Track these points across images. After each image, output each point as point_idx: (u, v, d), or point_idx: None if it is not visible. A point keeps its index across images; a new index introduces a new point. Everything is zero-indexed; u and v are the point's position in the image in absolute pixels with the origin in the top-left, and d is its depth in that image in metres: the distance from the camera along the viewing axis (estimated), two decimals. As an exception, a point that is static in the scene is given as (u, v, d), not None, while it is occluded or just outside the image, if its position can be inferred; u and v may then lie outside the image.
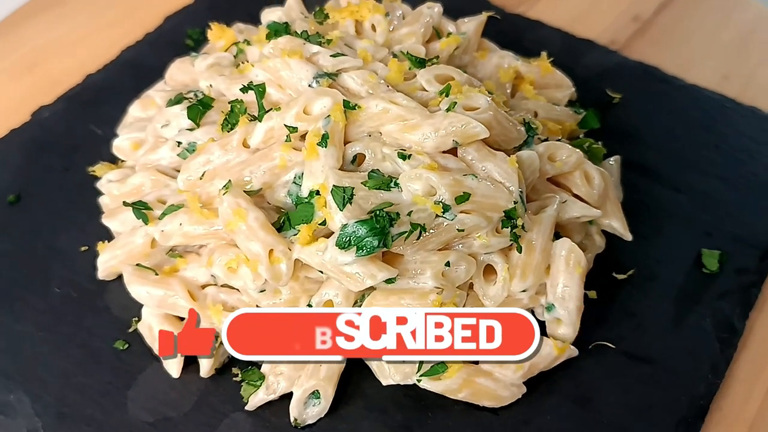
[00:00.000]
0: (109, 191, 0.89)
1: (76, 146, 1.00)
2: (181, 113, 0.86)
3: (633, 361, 0.81)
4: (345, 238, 0.71)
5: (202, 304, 0.78)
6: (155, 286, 0.79)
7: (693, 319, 0.85)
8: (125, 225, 0.85)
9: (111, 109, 1.04)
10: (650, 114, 1.07)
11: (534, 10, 1.25)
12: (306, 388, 0.75)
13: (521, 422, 0.77)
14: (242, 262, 0.76)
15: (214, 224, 0.78)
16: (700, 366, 0.81)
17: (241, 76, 0.86)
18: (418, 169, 0.75)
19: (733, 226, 0.94)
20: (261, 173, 0.79)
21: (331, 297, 0.75)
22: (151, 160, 0.89)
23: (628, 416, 0.77)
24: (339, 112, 0.78)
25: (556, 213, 0.81)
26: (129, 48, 1.14)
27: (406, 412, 0.77)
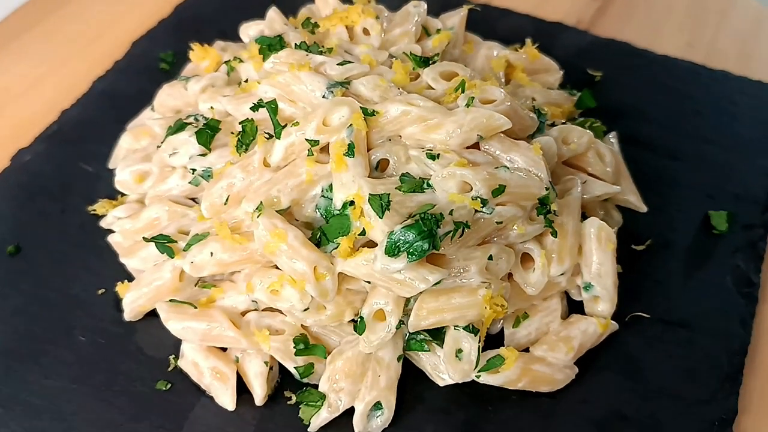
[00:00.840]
0: (122, 228, 0.85)
1: (68, 186, 0.95)
2: (189, 139, 0.84)
3: (669, 327, 0.84)
4: (393, 245, 0.71)
5: (247, 332, 0.76)
6: (196, 320, 0.76)
7: (714, 279, 0.88)
8: (147, 262, 0.82)
9: (96, 143, 1.00)
10: (631, 88, 1.10)
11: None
12: (368, 400, 0.74)
13: (578, 402, 0.78)
14: (286, 283, 0.74)
15: (248, 248, 0.77)
16: (730, 322, 0.85)
17: (247, 95, 0.84)
18: (450, 167, 0.75)
19: (731, 186, 0.98)
20: (288, 191, 0.77)
21: (382, 306, 0.74)
22: (162, 191, 0.86)
23: (676, 380, 0.80)
24: (360, 120, 0.77)
25: (581, 194, 0.83)
26: (100, 78, 1.09)
27: (468, 410, 0.77)
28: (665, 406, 0.78)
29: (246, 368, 0.77)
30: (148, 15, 1.21)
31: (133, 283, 0.82)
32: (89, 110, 1.04)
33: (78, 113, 1.04)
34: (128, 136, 0.96)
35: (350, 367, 0.74)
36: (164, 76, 1.09)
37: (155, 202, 0.85)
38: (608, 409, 0.78)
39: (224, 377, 0.75)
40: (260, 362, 0.76)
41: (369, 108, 0.79)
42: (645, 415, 0.77)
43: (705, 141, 1.04)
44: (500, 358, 0.76)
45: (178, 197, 0.85)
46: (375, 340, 0.74)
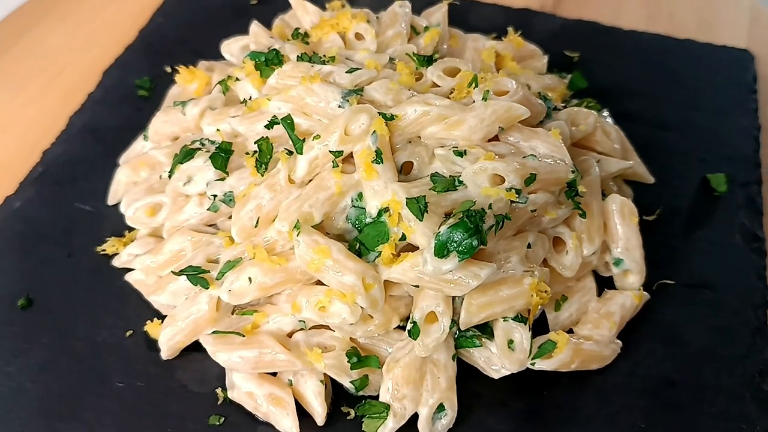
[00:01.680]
0: (143, 265, 0.82)
1: (70, 229, 0.91)
2: (204, 165, 0.81)
3: (695, 290, 0.87)
4: (442, 245, 0.70)
5: (298, 353, 0.75)
6: (246, 349, 0.74)
7: (724, 238, 0.92)
8: (178, 296, 0.80)
9: (89, 181, 0.95)
10: (608, 65, 1.14)
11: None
12: (432, 403, 0.74)
13: (626, 375, 0.80)
14: (334, 298, 0.73)
15: (288, 269, 0.75)
16: (747, 278, 0.88)
17: (258, 113, 0.82)
18: (480, 162, 0.75)
19: (721, 148, 1.02)
20: (320, 205, 0.76)
21: (433, 308, 0.74)
22: (179, 222, 0.83)
23: (711, 340, 0.83)
24: (382, 125, 0.77)
25: (599, 173, 0.84)
26: (77, 113, 1.04)
27: (524, 398, 0.78)
28: (707, 365, 0.81)
29: (301, 389, 0.75)
30: (112, 42, 1.17)
31: (167, 319, 0.79)
32: (73, 147, 1.00)
33: (62, 151, 0.99)
34: (125, 170, 0.92)
35: (409, 373, 0.74)
36: (145, 104, 1.05)
37: (175, 233, 0.82)
38: (655, 377, 0.80)
39: (282, 402, 0.74)
40: (316, 381, 0.74)
41: (387, 112, 0.78)
42: (690, 378, 0.80)
43: (688, 108, 1.08)
44: (552, 342, 0.77)
45: (197, 225, 0.83)
46: (430, 342, 0.74)
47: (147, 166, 0.91)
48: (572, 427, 0.76)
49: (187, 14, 1.19)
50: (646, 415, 0.77)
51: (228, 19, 1.19)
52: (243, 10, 1.21)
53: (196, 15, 1.19)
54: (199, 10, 1.20)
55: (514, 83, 0.82)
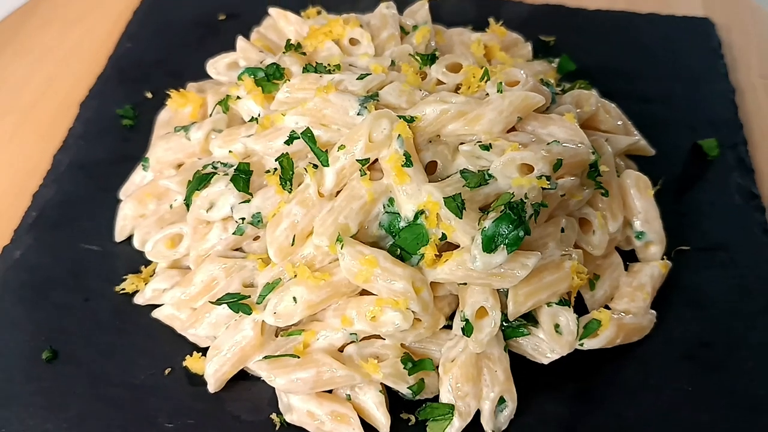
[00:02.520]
0: (174, 300, 0.79)
1: (80, 273, 0.86)
2: (227, 189, 0.79)
3: (709, 253, 0.90)
4: (490, 240, 0.71)
5: (354, 366, 0.74)
6: (303, 370, 0.73)
7: (725, 199, 0.96)
8: (217, 327, 0.77)
9: (89, 220, 0.92)
10: (581, 46, 1.16)
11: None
12: (493, 397, 0.74)
13: (664, 342, 0.82)
14: (386, 306, 0.72)
15: (332, 283, 0.74)
16: (754, 235, 0.92)
17: (273, 130, 0.81)
18: (507, 153, 0.76)
19: (703, 114, 1.07)
20: (354, 215, 0.75)
21: (482, 303, 0.74)
22: (205, 250, 0.81)
23: (735, 298, 0.86)
24: (405, 129, 0.76)
25: (611, 151, 0.87)
26: (61, 150, 1.00)
27: (574, 378, 0.79)
28: (736, 322, 0.84)
29: (361, 403, 0.74)
30: (81, 73, 1.12)
31: (211, 351, 0.76)
32: (65, 186, 0.95)
33: (54, 192, 0.94)
34: (130, 204, 0.89)
35: (467, 370, 0.74)
36: (131, 133, 1.02)
37: (204, 262, 0.79)
38: (690, 341, 0.82)
39: (345, 418, 0.73)
40: (375, 392, 0.74)
41: (406, 115, 0.78)
42: (721, 337, 0.83)
43: (664, 79, 1.12)
44: (596, 321, 0.79)
45: (224, 251, 0.81)
46: (484, 337, 0.74)
47: (153, 197, 0.88)
48: (625, 400, 0.78)
49: (155, 36, 1.16)
50: (689, 378, 0.80)
51: (199, 37, 1.16)
52: (212, 26, 1.18)
53: (165, 36, 1.16)
54: (166, 30, 1.17)
55: (523, 73, 0.83)
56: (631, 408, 0.78)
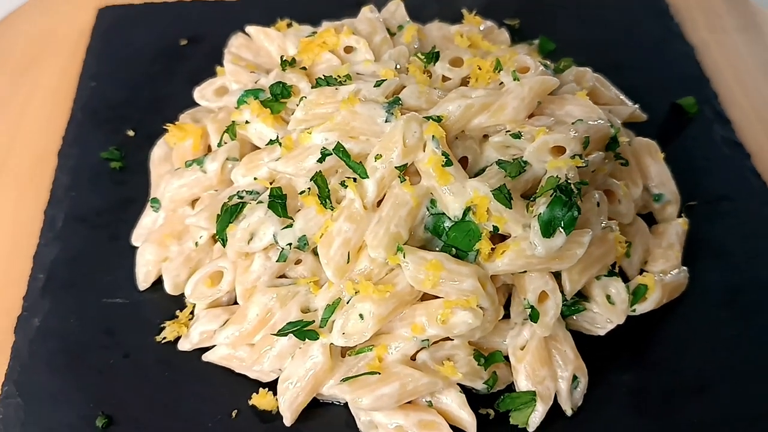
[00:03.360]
0: (230, 338, 0.76)
1: (111, 329, 0.82)
2: (266, 217, 0.76)
3: (714, 204, 0.95)
4: (547, 225, 0.72)
5: (431, 371, 0.74)
6: (386, 385, 0.71)
7: (716, 151, 1.01)
8: (282, 358, 0.75)
9: (104, 272, 0.87)
10: (545, 25, 1.19)
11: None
12: (567, 376, 0.76)
13: (701, 295, 0.85)
14: (455, 307, 0.72)
15: (397, 294, 0.73)
16: (749, 181, 0.98)
17: (301, 149, 0.78)
18: (539, 138, 0.77)
19: (671, 74, 1.12)
20: (404, 222, 0.75)
21: (543, 288, 0.76)
22: (251, 282, 0.78)
23: (750, 244, 0.90)
24: (438, 129, 0.76)
25: (619, 121, 0.90)
26: (51, 205, 0.94)
27: (628, 345, 0.82)
28: (759, 265, 0.88)
29: (444, 406, 0.74)
30: (46, 122, 1.05)
31: (282, 384, 0.74)
32: (68, 242, 0.89)
33: (58, 251, 0.89)
34: (150, 248, 0.85)
35: (540, 354, 0.75)
36: (123, 175, 0.97)
37: (254, 295, 0.77)
38: (723, 289, 0.86)
39: (434, 425, 0.72)
40: (456, 393, 0.74)
41: (432, 115, 0.78)
42: (749, 282, 0.87)
43: (628, 47, 1.16)
44: (643, 286, 0.82)
45: (270, 281, 0.78)
46: (549, 320, 0.75)
47: (173, 238, 0.85)
48: (678, 356, 0.81)
49: (118, 72, 1.10)
50: (733, 324, 0.84)
51: (164, 66, 1.11)
52: (175, 53, 1.13)
53: (128, 70, 1.10)
54: (127, 64, 1.11)
55: (529, 58, 0.85)
56: (686, 362, 0.81)
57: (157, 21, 1.17)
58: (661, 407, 0.78)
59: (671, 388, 0.79)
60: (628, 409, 0.77)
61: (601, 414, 0.77)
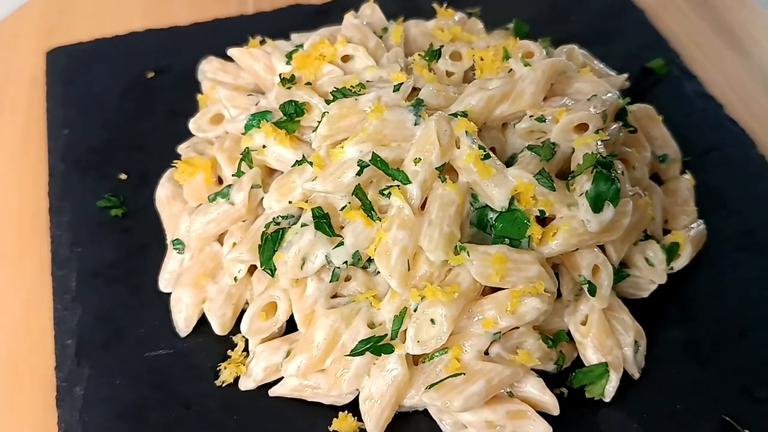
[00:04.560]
0: (300, 368, 0.74)
1: (165, 384, 0.78)
2: (316, 239, 0.75)
3: (706, 157, 0.99)
4: (595, 201, 0.74)
5: (509, 362, 0.74)
6: (474, 384, 0.71)
7: (693, 106, 1.06)
8: (359, 378, 0.74)
9: (139, 327, 0.83)
10: (506, 10, 1.21)
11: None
12: (630, 342, 0.79)
13: (717, 243, 0.90)
14: (522, 296, 0.73)
15: (463, 292, 0.74)
16: (728, 128, 1.04)
17: (336, 165, 0.77)
18: (563, 119, 0.79)
19: (632, 40, 1.17)
20: (454, 221, 0.75)
21: (595, 261, 0.78)
22: (308, 307, 0.76)
23: (748, 190, 0.95)
24: (469, 124, 0.77)
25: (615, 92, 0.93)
26: (58, 266, 0.88)
27: (669, 301, 0.85)
28: (761, 207, 0.94)
29: (525, 393, 0.75)
30: (22, 179, 0.99)
31: (364, 404, 0.73)
32: (89, 302, 0.84)
33: (81, 312, 0.83)
34: (186, 292, 0.81)
35: (603, 326, 0.78)
36: (127, 222, 0.92)
37: (317, 319, 0.75)
38: (740, 233, 0.91)
39: (522, 414, 0.73)
40: (534, 379, 0.75)
41: (457, 111, 0.79)
42: (760, 221, 0.92)
43: (588, 19, 1.21)
44: (675, 244, 0.85)
45: (327, 302, 0.77)
46: (605, 291, 0.78)
47: (208, 277, 0.82)
48: (717, 304, 0.85)
49: (88, 113, 1.04)
50: (754, 265, 0.88)
51: (135, 101, 1.06)
52: (144, 86, 1.08)
53: (99, 110, 1.04)
54: (97, 103, 1.05)
55: (532, 43, 0.87)
56: (722, 309, 0.85)
57: (114, 56, 1.12)
58: (711, 355, 0.81)
59: (716, 336, 0.83)
60: (684, 362, 0.81)
61: (662, 371, 0.80)
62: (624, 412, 0.77)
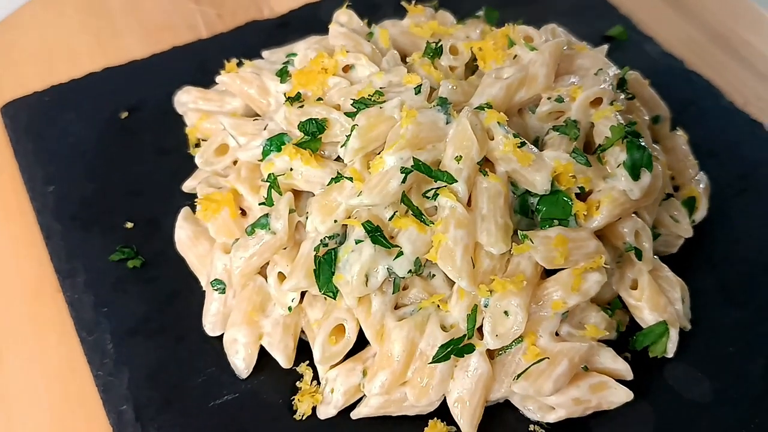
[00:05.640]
0: (386, 384, 0.73)
1: (242, 428, 0.75)
2: (376, 254, 0.73)
3: (684, 113, 1.04)
4: (633, 169, 0.78)
5: (579, 338, 0.76)
6: (558, 365, 0.73)
7: (661, 64, 1.12)
8: (444, 383, 0.74)
9: (195, 375, 0.79)
10: None
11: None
12: (678, 296, 0.83)
13: (720, 189, 0.96)
14: (585, 272, 0.75)
15: (529, 280, 0.75)
16: (699, 84, 1.10)
17: (379, 177, 0.75)
18: (579, 95, 0.82)
19: (586, 11, 1.21)
20: (504, 211, 0.76)
21: (637, 228, 0.80)
22: (378, 322, 0.76)
23: (730, 140, 1.02)
24: (498, 115, 0.78)
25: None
26: (85, 329, 0.82)
27: (692, 252, 0.90)
28: (747, 148, 1.01)
29: (599, 365, 0.77)
30: (13, 250, 0.91)
31: (456, 407, 0.73)
32: (134, 362, 0.79)
33: (128, 375, 0.78)
34: (240, 331, 0.79)
35: (653, 286, 0.80)
36: (149, 271, 0.87)
37: (391, 331, 0.74)
38: (736, 178, 0.97)
39: (603, 385, 0.75)
40: (605, 349, 0.77)
41: (479, 104, 0.80)
42: (750, 163, 0.99)
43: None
44: (691, 198, 0.90)
45: (392, 313, 0.76)
46: (649, 254, 0.81)
47: (259, 312, 0.79)
48: (737, 246, 0.90)
49: (69, 165, 0.97)
50: (756, 202, 0.94)
51: (117, 144, 1.00)
52: (120, 128, 1.02)
53: (79, 159, 0.98)
54: (74, 153, 0.98)
55: (532, 28, 0.89)
56: (743, 247, 0.91)
57: (79, 101, 1.05)
58: (746, 295, 0.87)
59: (745, 277, 0.88)
60: (723, 307, 0.86)
61: (706, 318, 0.84)
62: (685, 364, 0.81)
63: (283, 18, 1.20)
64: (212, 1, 1.25)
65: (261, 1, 1.26)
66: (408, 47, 0.97)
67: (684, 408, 0.77)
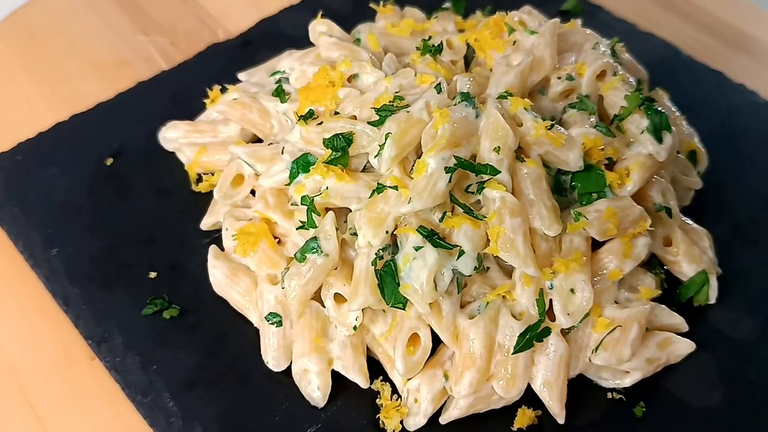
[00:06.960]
0: (470, 386, 0.73)
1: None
2: (440, 258, 0.73)
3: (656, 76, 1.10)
4: (656, 132, 0.82)
5: (639, 301, 0.79)
6: (631, 330, 0.76)
7: (621, 35, 1.15)
8: (528, 371, 0.75)
9: (271, 417, 0.76)
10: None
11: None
12: (708, 246, 0.88)
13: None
14: (634, 238, 0.78)
15: (590, 268, 0.77)
16: (665, 49, 1.16)
17: (424, 181, 0.74)
18: (586, 74, 0.85)
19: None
20: (549, 194, 0.78)
21: (662, 188, 0.84)
22: (452, 323, 0.75)
23: (712, 98, 1.08)
24: (522, 101, 0.80)
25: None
26: (141, 396, 0.78)
27: (704, 206, 0.94)
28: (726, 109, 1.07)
29: (657, 321, 0.81)
30: (22, 317, 0.85)
31: (544, 390, 0.75)
32: (201, 415, 0.76)
33: (182, 422, 0.75)
34: (312, 361, 0.77)
35: (686, 240, 0.85)
36: (187, 320, 0.83)
37: (462, 333, 0.75)
38: (724, 135, 1.03)
39: (667, 340, 0.79)
40: (661, 306, 0.81)
41: (501, 93, 0.81)
42: (737, 122, 1.05)
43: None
44: (692, 152, 0.95)
45: (458, 312, 0.76)
46: (677, 211, 0.85)
47: (323, 338, 0.78)
48: (740, 191, 0.96)
49: (66, 225, 0.90)
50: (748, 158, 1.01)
51: (112, 191, 0.94)
52: (111, 175, 0.96)
53: (76, 216, 0.91)
54: (70, 209, 0.92)
55: (521, 13, 0.91)
56: (744, 189, 0.97)
57: (55, 154, 0.98)
58: (758, 233, 0.93)
59: (753, 216, 0.94)
60: (742, 248, 0.91)
61: (730, 262, 0.89)
62: (726, 307, 0.86)
63: (243, 36, 1.16)
64: (161, 30, 1.20)
65: (212, 23, 1.22)
66: (391, 48, 0.97)
67: (738, 348, 0.82)
